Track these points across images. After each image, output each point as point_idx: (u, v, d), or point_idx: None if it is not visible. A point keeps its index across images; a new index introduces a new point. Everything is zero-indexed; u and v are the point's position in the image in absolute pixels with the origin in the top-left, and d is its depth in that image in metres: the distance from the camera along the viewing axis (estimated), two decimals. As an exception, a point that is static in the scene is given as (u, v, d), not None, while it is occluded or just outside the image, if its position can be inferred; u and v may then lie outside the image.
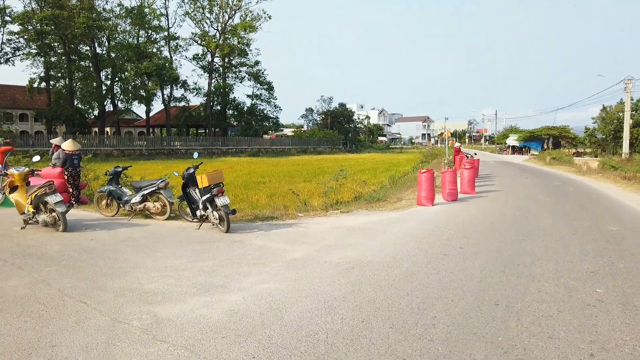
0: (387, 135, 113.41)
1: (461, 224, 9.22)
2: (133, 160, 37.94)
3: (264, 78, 63.95)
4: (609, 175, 20.44)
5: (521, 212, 10.68)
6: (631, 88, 39.10)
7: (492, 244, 7.29)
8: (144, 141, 49.71)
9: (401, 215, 10.27)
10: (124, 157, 42.37)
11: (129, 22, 53.35)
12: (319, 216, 10.13)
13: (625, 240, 7.64)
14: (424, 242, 7.42)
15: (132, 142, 47.95)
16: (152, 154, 46.65)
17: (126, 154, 44.58)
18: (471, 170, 14.71)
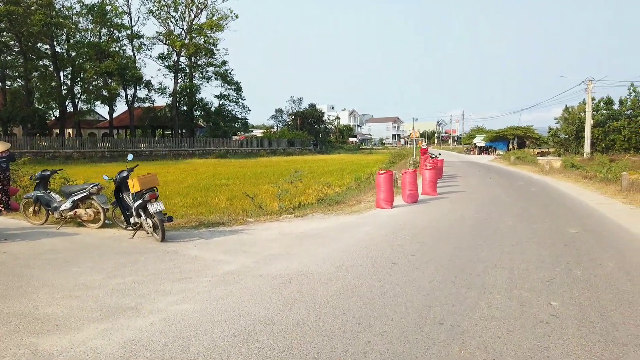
0: (357, 136, 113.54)
1: (418, 227, 8.77)
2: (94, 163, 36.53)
3: (231, 78, 62.92)
4: (570, 175, 20.51)
5: (481, 214, 10.33)
6: (592, 89, 39.93)
7: (447, 250, 6.83)
8: (106, 143, 47.93)
9: (357, 220, 9.76)
10: (84, 160, 40.78)
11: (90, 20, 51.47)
12: (271, 221, 9.52)
13: (584, 244, 7.31)
14: (374, 249, 6.91)
15: (94, 143, 46.10)
16: (115, 156, 45.01)
17: (87, 156, 42.93)
18: (432, 171, 14.35)
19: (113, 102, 55.01)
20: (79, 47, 50.42)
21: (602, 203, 12.21)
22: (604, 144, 41.91)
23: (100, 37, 52.57)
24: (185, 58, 59.04)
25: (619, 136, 41.38)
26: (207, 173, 24.76)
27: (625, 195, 13.01)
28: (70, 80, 51.40)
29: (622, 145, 40.99)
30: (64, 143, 42.96)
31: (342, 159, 42.72)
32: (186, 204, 12.64)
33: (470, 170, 26.26)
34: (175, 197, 13.95)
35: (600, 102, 43.86)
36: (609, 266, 5.99)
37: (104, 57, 49.26)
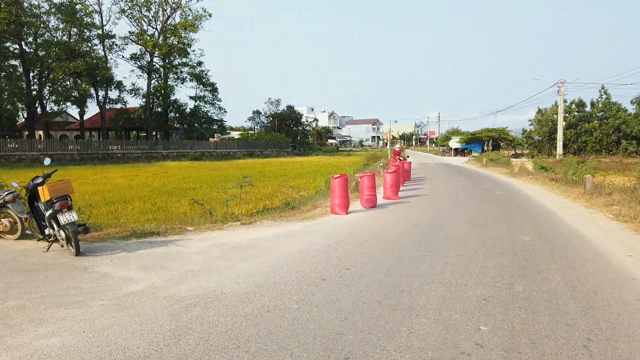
0: (336, 138, 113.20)
1: (365, 236, 8.23)
2: (63, 166, 35.22)
3: (207, 79, 61.84)
4: (539, 177, 20.33)
5: (437, 220, 9.86)
6: (564, 91, 40.22)
7: (387, 263, 6.30)
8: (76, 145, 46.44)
9: (305, 227, 9.18)
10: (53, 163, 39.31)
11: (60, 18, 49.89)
12: (213, 230, 8.88)
13: (534, 253, 6.86)
14: (309, 262, 6.33)
15: (65, 146, 44.59)
16: (85, 158, 43.77)
17: (55, 159, 41.28)
18: (394, 175, 13.87)
19: (84, 104, 53.53)
20: (47, 47, 48.78)
21: (563, 207, 11.88)
22: (576, 145, 42.29)
23: (70, 37, 51.07)
24: (159, 58, 57.86)
25: (590, 138, 41.81)
26: (177, 176, 23.98)
27: (588, 199, 12.73)
28: (38, 80, 49.70)
29: (593, 147, 41.42)
30: (33, 145, 41.43)
31: (319, 161, 42.16)
32: (144, 209, 11.90)
33: (440, 173, 25.96)
34: (135, 201, 13.16)
35: (572, 104, 44.25)
36: (554, 280, 5.53)
37: (74, 57, 47.74)
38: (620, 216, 9.87)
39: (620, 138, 40.84)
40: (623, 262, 6.38)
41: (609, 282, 5.50)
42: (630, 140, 40.22)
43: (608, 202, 11.70)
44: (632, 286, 5.33)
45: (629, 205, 10.59)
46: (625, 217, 9.62)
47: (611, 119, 41.36)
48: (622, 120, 40.78)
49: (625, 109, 42.38)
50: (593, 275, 5.75)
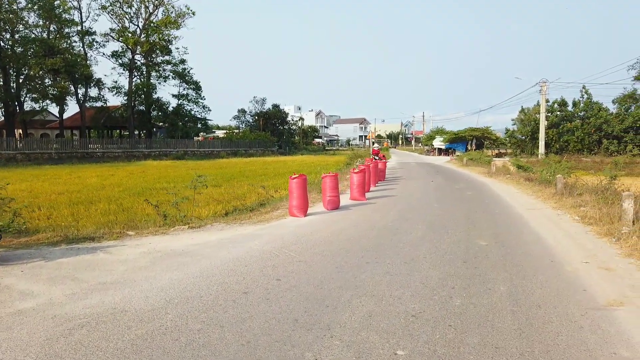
0: (323, 137, 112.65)
1: (314, 241, 7.72)
2: (39, 165, 34.27)
3: (190, 77, 60.88)
4: (516, 177, 20.00)
5: (396, 223, 9.39)
6: (545, 90, 40.13)
7: (323, 272, 5.80)
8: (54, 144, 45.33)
9: (255, 231, 8.65)
10: (29, 162, 38.32)
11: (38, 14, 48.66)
12: (155, 234, 8.32)
13: (486, 260, 6.41)
14: (239, 272, 5.81)
15: (45, 144, 43.43)
16: (64, 157, 42.68)
17: (32, 158, 40.37)
18: (360, 175, 13.40)
19: (63, 101, 52.38)
20: (24, 43, 47.54)
21: (531, 208, 11.50)
22: (558, 145, 42.26)
23: (49, 34, 49.89)
24: (141, 56, 56.87)
25: (572, 137, 41.81)
26: (154, 175, 23.24)
27: (558, 200, 12.37)
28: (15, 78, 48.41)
29: (575, 146, 41.41)
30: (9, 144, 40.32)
31: (303, 160, 41.58)
32: (109, 210, 11.19)
33: (418, 172, 25.58)
34: (102, 202, 12.35)
35: (555, 104, 44.25)
36: (498, 292, 5.07)
37: (54, 54, 46.52)
38: (586, 218, 9.49)
39: (602, 137, 40.86)
40: (577, 270, 5.95)
41: (557, 293, 5.06)
42: (611, 140, 40.25)
43: (577, 203, 11.34)
44: (581, 298, 4.89)
45: (597, 206, 10.21)
46: (591, 220, 9.24)
47: (593, 119, 41.38)
48: (603, 120, 40.81)
49: (607, 109, 42.48)
50: (542, 286, 5.30)
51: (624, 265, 6.17)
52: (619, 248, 7.11)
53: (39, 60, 45.70)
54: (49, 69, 46.16)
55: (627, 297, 4.91)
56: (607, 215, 9.14)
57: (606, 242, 7.58)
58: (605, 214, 9.22)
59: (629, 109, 41.51)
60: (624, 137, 39.64)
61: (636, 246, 6.92)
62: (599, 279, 5.56)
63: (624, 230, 7.92)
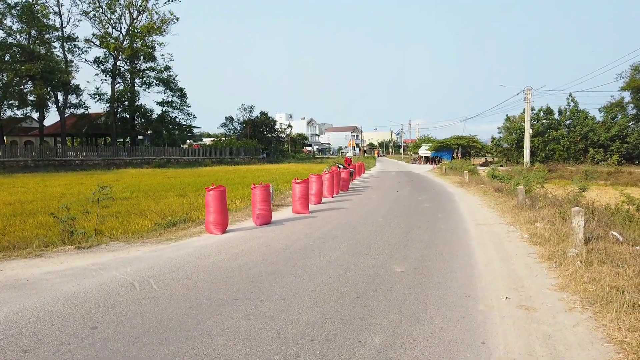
0: (313, 145, 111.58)
1: (198, 268, 6.48)
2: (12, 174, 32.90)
3: (175, 84, 59.78)
4: (488, 187, 18.80)
5: (317, 243, 8.16)
6: (530, 98, 39.15)
7: (163, 315, 4.57)
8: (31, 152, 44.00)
9: (146, 253, 7.41)
10: (3, 170, 36.96)
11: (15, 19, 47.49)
12: (26, 257, 7.10)
13: (386, 294, 5.19)
14: (58, 314, 4.57)
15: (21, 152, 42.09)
16: (40, 165, 41.38)
17: (7, 166, 39.06)
18: (303, 186, 12.17)
19: (42, 108, 51.07)
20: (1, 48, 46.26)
21: (484, 223, 10.32)
22: (543, 153, 41.25)
23: (30, 39, 48.67)
24: (124, 62, 55.78)
25: (558, 146, 40.81)
26: (125, 184, 21.97)
27: (516, 213, 11.19)
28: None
29: (561, 155, 40.40)
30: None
31: (288, 168, 40.37)
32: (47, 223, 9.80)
33: (390, 182, 24.38)
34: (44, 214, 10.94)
35: (540, 112, 43.30)
36: (368, 346, 3.85)
37: (33, 60, 45.22)
38: (536, 236, 8.29)
39: (588, 146, 39.84)
40: (490, 310, 4.73)
41: (446, 348, 3.84)
42: (597, 149, 39.23)
43: (534, 217, 10.14)
44: (472, 357, 3.67)
45: (550, 223, 9.02)
46: (540, 239, 8.04)
47: (578, 127, 40.39)
48: (589, 128, 39.83)
49: (593, 117, 41.51)
50: (431, 335, 4.09)
51: (551, 302, 4.96)
52: (556, 276, 5.90)
53: (14, 66, 44.49)
54: (24, 75, 44.91)
55: (533, 356, 3.69)
56: (557, 233, 7.95)
57: (545, 267, 6.37)
58: (555, 232, 8.02)
59: (615, 118, 40.56)
60: (610, 145, 38.64)
61: (575, 274, 5.72)
62: (510, 325, 4.34)
63: (570, 252, 6.72)
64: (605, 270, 5.64)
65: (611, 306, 4.54)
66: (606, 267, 5.77)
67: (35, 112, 52.71)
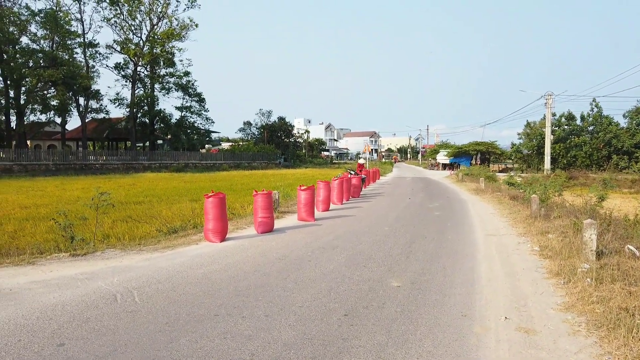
0: (331, 150, 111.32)
1: (187, 279, 6.26)
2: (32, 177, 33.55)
3: (194, 89, 60.32)
4: (504, 194, 18.25)
5: (315, 253, 7.88)
6: (551, 103, 38.20)
7: (138, 331, 4.34)
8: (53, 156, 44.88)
9: (139, 262, 7.24)
10: (26, 173, 37.70)
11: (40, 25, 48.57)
12: (17, 265, 6.98)
13: (377, 312, 4.87)
14: (28, 329, 4.39)
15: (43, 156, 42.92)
16: (62, 169, 42.15)
17: (29, 170, 39.85)
18: (308, 193, 11.91)
19: (64, 113, 52.05)
20: (25, 54, 47.36)
21: (493, 234, 9.89)
22: (565, 160, 40.16)
23: (53, 45, 49.72)
24: (144, 68, 56.54)
25: (580, 152, 39.69)
26: (142, 187, 22.12)
27: (529, 223, 10.72)
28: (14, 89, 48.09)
29: (583, 162, 39.27)
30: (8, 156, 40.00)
31: (304, 173, 40.19)
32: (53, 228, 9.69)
33: (404, 189, 23.93)
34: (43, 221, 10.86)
35: (562, 118, 42.21)
36: (344, 372, 3.54)
37: (55, 66, 46.08)
38: (547, 249, 7.86)
39: (611, 153, 38.63)
40: (485, 333, 4.38)
41: (430, 375, 3.51)
42: (621, 155, 38.00)
43: (548, 228, 9.68)
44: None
45: (563, 234, 8.56)
46: (550, 252, 7.60)
47: (602, 133, 39.21)
48: (613, 135, 38.63)
49: (617, 123, 40.26)
50: (417, 361, 3.76)
51: (553, 324, 4.58)
52: (563, 294, 5.50)
53: (37, 71, 45.45)
54: (47, 80, 45.82)
55: (525, 387, 3.35)
56: (569, 246, 7.50)
57: (552, 284, 5.96)
58: (568, 245, 7.58)
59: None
60: (634, 152, 37.39)
61: (584, 293, 5.31)
62: (505, 351, 3.99)
63: (581, 268, 6.30)
64: (617, 288, 5.23)
65: (619, 331, 4.15)
66: (618, 285, 5.36)
67: (57, 117, 53.74)
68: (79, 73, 48.53)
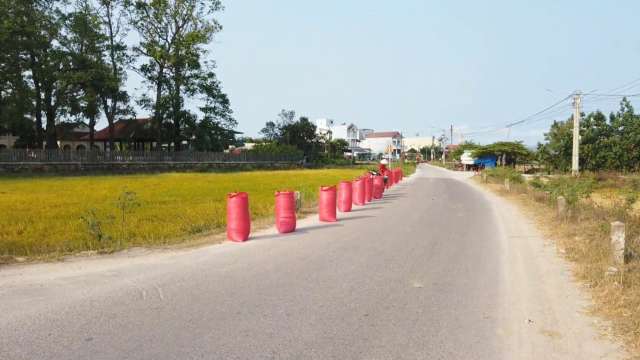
0: (353, 151, 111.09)
1: (210, 277, 6.37)
2: (62, 177, 34.49)
3: (218, 91, 61.01)
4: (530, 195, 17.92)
5: (337, 253, 7.90)
6: (579, 103, 37.32)
7: (165, 326, 4.44)
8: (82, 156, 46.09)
9: (163, 260, 7.39)
10: (56, 173, 38.84)
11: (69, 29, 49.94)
12: (46, 262, 7.21)
13: (397, 312, 4.87)
14: (59, 323, 4.54)
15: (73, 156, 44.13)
16: (90, 169, 43.28)
17: (59, 169, 41.04)
18: (330, 193, 11.94)
19: (93, 114, 53.34)
20: (57, 57, 48.73)
21: (518, 235, 9.74)
22: (594, 161, 39.19)
23: (82, 47, 51.05)
24: (170, 70, 57.49)
25: (609, 153, 38.66)
26: (167, 187, 22.61)
27: (555, 225, 10.51)
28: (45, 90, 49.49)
29: (613, 163, 38.25)
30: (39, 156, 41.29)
31: (326, 174, 40.25)
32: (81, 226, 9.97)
33: (427, 190, 23.73)
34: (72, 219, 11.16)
35: (591, 117, 41.18)
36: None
37: (85, 68, 47.24)
38: (573, 252, 7.70)
39: (642, 153, 37.49)
40: (508, 336, 4.33)
41: (451, 376, 3.50)
42: (653, 156, 36.85)
43: (574, 230, 9.48)
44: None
45: (590, 237, 8.37)
46: (577, 254, 7.45)
47: (632, 133, 38.08)
48: (644, 135, 37.47)
49: (649, 123, 39.01)
50: (438, 362, 3.75)
51: (579, 328, 4.50)
52: (589, 298, 5.40)
53: (66, 74, 46.68)
54: (76, 82, 47.03)
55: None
56: (596, 249, 7.34)
57: (578, 287, 5.85)
58: (595, 248, 7.42)
59: (674, 123, 38.00)
60: (667, 153, 36.21)
61: (611, 296, 5.20)
62: (528, 353, 3.94)
63: (609, 271, 6.16)
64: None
65: (647, 336, 4.05)
66: (647, 289, 5.22)
67: (86, 118, 55.02)
68: (107, 75, 49.62)
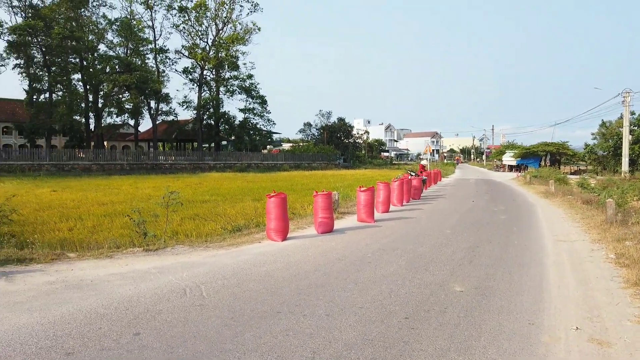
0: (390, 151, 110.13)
1: (252, 275, 6.48)
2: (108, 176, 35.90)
3: (256, 92, 61.85)
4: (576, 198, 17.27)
5: (376, 255, 7.87)
6: (629, 101, 35.65)
7: (210, 322, 4.56)
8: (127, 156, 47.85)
9: (205, 258, 7.57)
10: (103, 172, 40.50)
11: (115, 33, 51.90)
12: (97, 258, 7.52)
13: (438, 316, 4.80)
14: (108, 317, 4.74)
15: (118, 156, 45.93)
16: (135, 168, 44.86)
17: (106, 169, 42.83)
18: (368, 194, 11.89)
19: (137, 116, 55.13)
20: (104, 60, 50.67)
21: (564, 239, 9.41)
22: (645, 161, 37.31)
23: (127, 51, 52.96)
24: (210, 72, 58.74)
25: (663, 153, 36.70)
26: (208, 187, 23.23)
27: (604, 229, 10.09)
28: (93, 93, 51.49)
29: (666, 164, 36.30)
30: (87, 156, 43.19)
31: (364, 174, 40.17)
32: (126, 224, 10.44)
33: (467, 191, 23.25)
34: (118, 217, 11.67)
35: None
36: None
37: (130, 71, 48.90)
38: (624, 257, 7.37)
39: (700, 154, 35.43)
40: (553, 343, 4.19)
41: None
42: None
43: (625, 234, 9.07)
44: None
45: (642, 242, 8.00)
46: (628, 260, 7.12)
47: (687, 133, 36.07)
48: (702, 134, 35.40)
49: None
50: (480, 368, 3.68)
51: (630, 337, 4.31)
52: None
53: (112, 77, 48.48)
54: (122, 85, 48.79)
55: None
56: (649, 255, 7.00)
57: (630, 294, 5.60)
58: (648, 254, 7.08)
59: None
60: None
61: (666, 306, 4.95)
62: (575, 363, 3.81)
63: (663, 279, 5.87)
64: None
65: None
66: None
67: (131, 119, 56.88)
68: (151, 77, 51.19)
